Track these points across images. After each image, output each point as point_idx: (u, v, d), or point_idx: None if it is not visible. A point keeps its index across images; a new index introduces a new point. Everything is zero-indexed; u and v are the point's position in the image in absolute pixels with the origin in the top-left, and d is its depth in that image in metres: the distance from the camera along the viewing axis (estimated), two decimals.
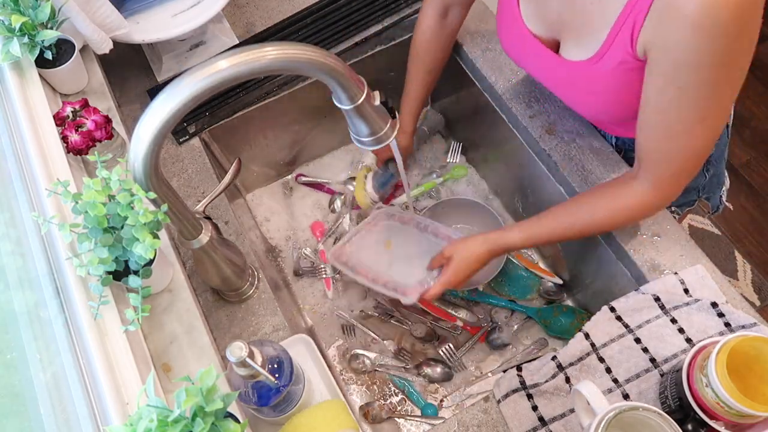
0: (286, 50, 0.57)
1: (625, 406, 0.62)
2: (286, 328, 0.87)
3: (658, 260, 0.86)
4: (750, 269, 1.82)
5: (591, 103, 0.81)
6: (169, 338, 0.81)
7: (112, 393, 0.67)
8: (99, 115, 0.87)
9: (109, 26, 0.97)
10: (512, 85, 1.05)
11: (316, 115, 1.20)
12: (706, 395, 0.64)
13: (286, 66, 0.58)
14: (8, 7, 0.88)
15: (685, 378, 0.68)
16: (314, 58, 0.59)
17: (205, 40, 1.11)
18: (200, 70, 0.55)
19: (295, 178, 1.28)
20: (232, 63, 0.55)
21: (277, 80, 1.09)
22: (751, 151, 2.01)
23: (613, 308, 0.83)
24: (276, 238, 1.21)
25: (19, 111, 0.87)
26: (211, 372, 0.58)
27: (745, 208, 1.93)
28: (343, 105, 0.66)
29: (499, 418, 0.79)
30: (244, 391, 0.70)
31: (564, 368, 0.80)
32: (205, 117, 1.06)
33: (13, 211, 0.82)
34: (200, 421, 0.57)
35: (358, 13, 1.14)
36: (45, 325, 0.74)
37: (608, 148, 0.96)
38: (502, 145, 1.11)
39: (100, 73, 1.05)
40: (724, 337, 0.63)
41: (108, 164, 0.81)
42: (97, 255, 0.69)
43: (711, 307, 0.79)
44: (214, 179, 1.00)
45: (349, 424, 0.76)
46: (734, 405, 0.61)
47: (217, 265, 0.79)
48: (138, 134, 0.57)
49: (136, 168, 0.60)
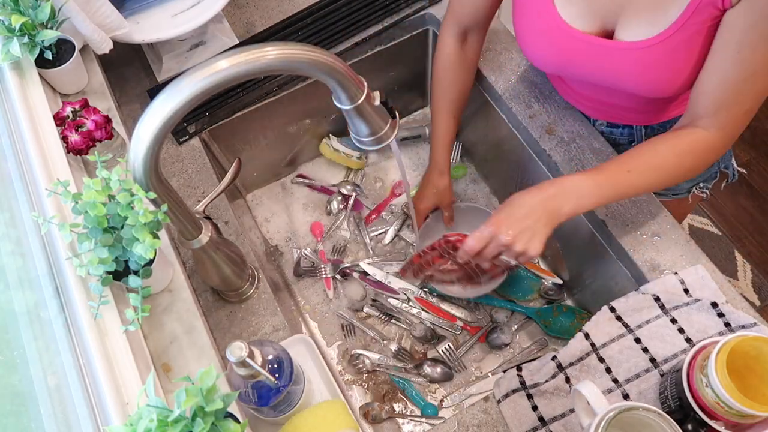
0: (286, 50, 0.57)
1: (625, 406, 0.62)
2: (286, 328, 0.87)
3: (658, 260, 0.86)
4: (750, 269, 1.82)
5: (652, 81, 0.80)
6: (169, 338, 0.81)
7: (112, 393, 0.67)
8: (99, 115, 0.87)
9: (109, 26, 0.97)
10: (512, 85, 1.05)
11: (316, 115, 1.20)
12: (706, 395, 0.64)
13: (287, 66, 0.58)
14: (8, 7, 0.88)
15: (685, 378, 0.68)
16: (314, 58, 0.59)
17: (205, 40, 1.11)
18: (200, 70, 0.55)
19: (297, 177, 1.28)
20: (232, 63, 0.55)
21: (277, 80, 1.09)
22: (751, 151, 2.01)
23: (613, 308, 0.83)
24: (276, 239, 1.21)
25: (19, 111, 0.87)
26: (211, 372, 0.58)
27: (745, 208, 1.93)
28: (343, 105, 0.66)
29: (499, 418, 0.79)
30: (244, 391, 0.70)
31: (564, 368, 0.80)
32: (205, 117, 1.06)
33: (13, 211, 0.82)
34: (200, 421, 0.57)
35: (358, 13, 1.14)
36: (45, 325, 0.74)
37: (608, 148, 0.97)
38: (502, 145, 1.11)
39: (100, 73, 1.05)
40: (724, 337, 0.63)
41: (108, 164, 0.81)
42: (97, 255, 0.69)
43: (711, 307, 0.79)
44: (214, 179, 1.00)
45: (349, 424, 0.76)
46: (734, 405, 0.61)
47: (217, 265, 0.79)
48: (138, 134, 0.57)
49: (136, 168, 0.60)
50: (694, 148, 0.76)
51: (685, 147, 0.76)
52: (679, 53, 0.75)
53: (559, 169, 0.96)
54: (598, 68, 0.83)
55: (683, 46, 0.74)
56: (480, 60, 1.08)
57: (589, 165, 0.95)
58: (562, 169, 0.96)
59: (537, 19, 0.84)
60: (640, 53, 0.77)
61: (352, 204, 1.23)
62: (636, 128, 0.98)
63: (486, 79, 1.07)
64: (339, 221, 1.22)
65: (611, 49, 0.80)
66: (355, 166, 1.27)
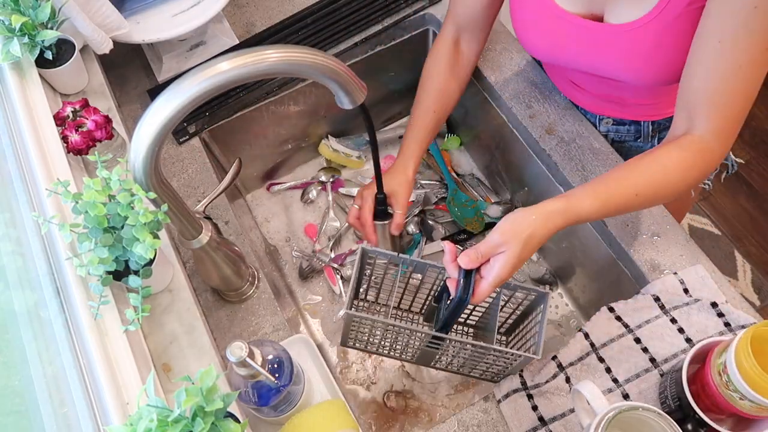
0: (288, 53, 0.57)
1: (625, 406, 0.62)
2: (286, 328, 0.87)
3: (658, 260, 0.86)
4: (750, 269, 1.82)
5: (641, 65, 0.78)
6: (169, 338, 0.81)
7: (112, 393, 0.67)
8: (99, 115, 0.87)
9: (109, 26, 0.97)
10: (512, 85, 1.05)
11: (315, 115, 1.20)
12: (724, 390, 0.63)
13: (288, 69, 0.58)
14: (8, 7, 0.88)
15: (685, 378, 0.68)
16: (316, 62, 0.59)
17: (205, 40, 1.11)
18: (201, 72, 0.55)
19: (272, 185, 1.26)
20: (233, 65, 0.55)
21: (277, 80, 1.09)
22: (751, 151, 2.01)
23: (612, 308, 0.83)
24: (276, 239, 1.21)
25: (19, 111, 0.87)
26: (211, 372, 0.58)
27: (745, 208, 1.93)
28: (345, 107, 0.66)
29: (499, 418, 0.79)
30: (244, 391, 0.70)
31: (564, 368, 0.80)
32: (205, 117, 1.06)
33: (13, 211, 0.82)
34: (200, 421, 0.57)
35: (358, 13, 1.14)
36: (45, 325, 0.74)
37: (608, 148, 0.96)
38: (502, 145, 1.11)
39: (100, 73, 1.05)
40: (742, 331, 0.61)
41: (108, 164, 0.81)
42: (97, 255, 0.69)
43: (711, 307, 0.79)
44: (214, 179, 1.00)
45: (349, 424, 0.76)
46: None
47: (217, 265, 0.79)
48: (138, 134, 0.57)
49: (137, 168, 0.60)
50: (697, 162, 0.72)
51: (689, 162, 0.72)
52: (665, 36, 0.73)
53: (559, 169, 0.96)
54: (586, 51, 0.82)
55: (668, 29, 0.72)
56: (480, 60, 1.08)
57: (589, 165, 0.95)
58: (562, 169, 0.96)
59: (529, 1, 0.84)
60: (626, 36, 0.76)
61: (330, 184, 1.23)
62: (643, 124, 0.97)
63: (486, 79, 1.07)
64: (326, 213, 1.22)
65: (598, 31, 0.79)
66: (354, 165, 1.27)
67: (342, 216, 1.22)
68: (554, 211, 0.69)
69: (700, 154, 0.72)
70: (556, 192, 0.99)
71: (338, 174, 1.26)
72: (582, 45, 0.82)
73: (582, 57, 0.84)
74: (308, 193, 1.24)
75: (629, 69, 0.80)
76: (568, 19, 0.81)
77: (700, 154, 0.72)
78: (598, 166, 0.95)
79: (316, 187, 1.25)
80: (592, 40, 0.80)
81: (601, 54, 0.81)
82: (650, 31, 0.74)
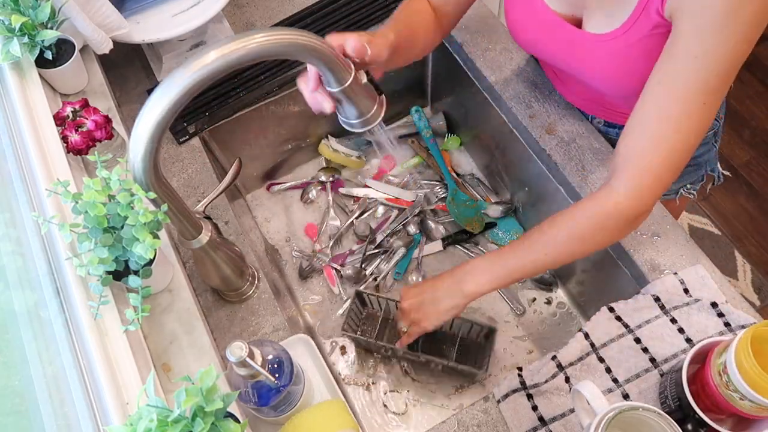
0: (273, 35, 0.57)
1: (625, 406, 0.62)
2: (286, 328, 0.87)
3: (658, 260, 0.86)
4: (750, 269, 1.82)
5: (612, 78, 0.78)
6: (169, 338, 0.81)
7: (112, 393, 0.67)
8: (99, 115, 0.87)
9: (109, 26, 0.97)
10: (512, 85, 1.05)
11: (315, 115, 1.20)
12: (724, 390, 0.63)
13: (274, 50, 0.58)
14: (8, 7, 0.88)
15: (685, 378, 0.68)
16: (300, 41, 0.59)
17: (205, 40, 1.11)
18: (191, 63, 0.55)
19: (272, 185, 1.27)
20: (220, 53, 0.55)
21: (277, 80, 1.09)
22: (751, 151, 2.01)
23: (612, 308, 0.83)
24: (276, 239, 1.21)
25: (19, 111, 0.87)
26: (211, 372, 0.58)
27: (745, 208, 1.93)
28: (332, 88, 0.66)
29: (499, 418, 0.79)
30: (244, 391, 0.70)
31: (564, 368, 0.80)
32: (205, 117, 1.06)
33: (13, 211, 0.82)
34: (200, 421, 0.57)
35: (358, 13, 1.14)
36: (45, 325, 0.74)
37: (608, 148, 0.96)
38: (502, 145, 1.11)
39: (100, 73, 1.05)
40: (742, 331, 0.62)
41: (108, 164, 0.81)
42: (97, 255, 0.69)
43: (711, 307, 0.79)
44: (214, 179, 1.00)
45: (349, 424, 0.76)
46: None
47: (217, 265, 0.79)
48: (136, 132, 0.57)
49: (136, 168, 0.60)
50: (608, 210, 0.71)
51: (599, 210, 0.72)
52: (630, 54, 0.72)
53: (559, 169, 0.96)
54: (569, 56, 0.83)
55: (636, 47, 0.71)
56: (480, 60, 1.08)
57: (589, 165, 0.95)
58: (562, 169, 0.96)
59: (519, 0, 0.84)
60: (600, 45, 0.76)
61: (330, 184, 1.23)
62: None
63: (486, 79, 1.07)
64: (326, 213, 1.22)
65: (578, 37, 0.79)
66: (354, 165, 1.27)
67: (342, 216, 1.22)
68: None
69: (607, 217, 0.71)
70: (556, 192, 0.99)
71: (338, 174, 1.26)
72: (558, 46, 0.83)
73: (567, 60, 0.85)
74: (308, 193, 1.24)
75: (605, 78, 0.80)
76: (550, 19, 0.81)
77: (607, 217, 0.71)
78: (598, 166, 0.95)
79: (316, 187, 1.25)
80: (575, 45, 0.81)
81: (582, 60, 0.82)
82: (619, 46, 0.74)
